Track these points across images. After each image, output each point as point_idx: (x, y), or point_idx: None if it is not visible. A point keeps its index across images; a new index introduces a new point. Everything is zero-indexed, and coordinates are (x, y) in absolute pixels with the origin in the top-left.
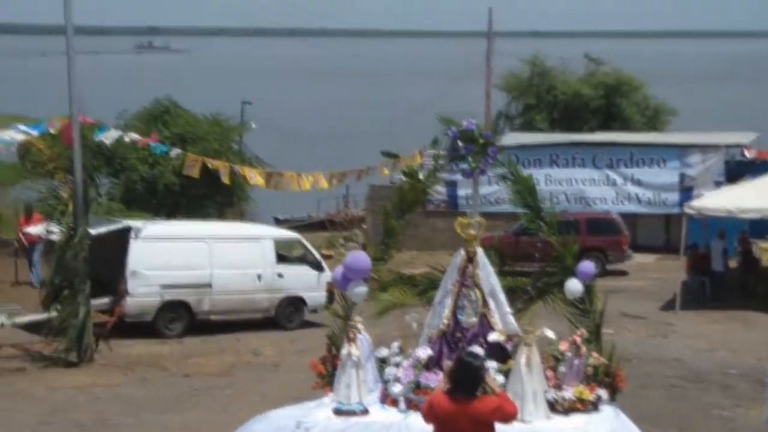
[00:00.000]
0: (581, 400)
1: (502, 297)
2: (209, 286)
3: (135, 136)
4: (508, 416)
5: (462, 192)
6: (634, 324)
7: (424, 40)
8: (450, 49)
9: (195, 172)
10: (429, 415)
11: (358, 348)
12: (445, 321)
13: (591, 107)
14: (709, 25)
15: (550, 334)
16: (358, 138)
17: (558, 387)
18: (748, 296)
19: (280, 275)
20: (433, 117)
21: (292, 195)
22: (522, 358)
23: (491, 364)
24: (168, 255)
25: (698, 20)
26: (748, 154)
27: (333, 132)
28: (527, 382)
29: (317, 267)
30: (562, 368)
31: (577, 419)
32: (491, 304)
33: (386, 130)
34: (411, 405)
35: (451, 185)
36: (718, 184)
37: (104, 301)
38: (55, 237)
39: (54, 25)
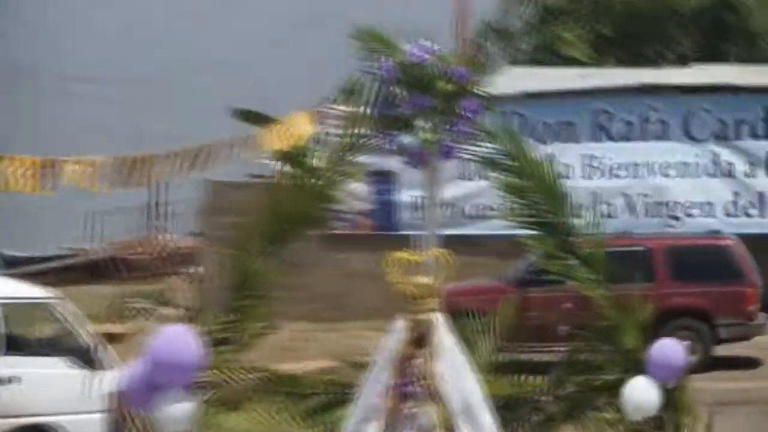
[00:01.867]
0: None
1: (486, 419)
2: None
3: None
4: None
5: (405, 196)
6: None
7: None
8: None
9: None
10: None
11: None
12: None
13: (680, 16)
14: None
15: None
16: (182, 82)
17: None
18: None
19: (8, 381)
20: (343, 34)
21: (35, 205)
22: None
23: None
24: None
25: None
26: None
27: (128, 71)
28: None
29: (88, 361)
30: None
31: None
32: None
33: (244, 64)
34: None
35: (382, 182)
36: None
37: None
38: None
39: None
